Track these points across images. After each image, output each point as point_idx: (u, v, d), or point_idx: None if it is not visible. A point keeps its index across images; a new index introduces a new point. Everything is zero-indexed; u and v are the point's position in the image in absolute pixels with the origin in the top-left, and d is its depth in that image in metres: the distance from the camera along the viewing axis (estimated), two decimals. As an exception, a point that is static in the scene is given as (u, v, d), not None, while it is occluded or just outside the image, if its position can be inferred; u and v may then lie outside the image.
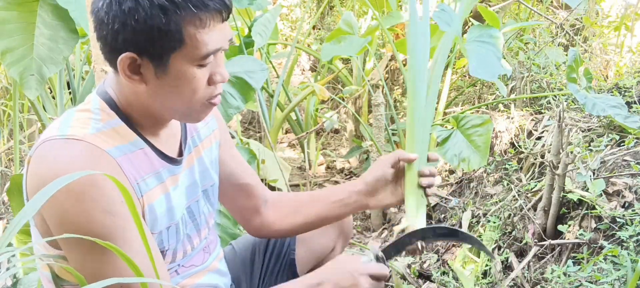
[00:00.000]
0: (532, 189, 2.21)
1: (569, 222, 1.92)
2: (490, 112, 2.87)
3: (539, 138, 2.52)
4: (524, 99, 2.89)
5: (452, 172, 2.95)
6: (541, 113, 2.74)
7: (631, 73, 3.04)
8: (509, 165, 2.43)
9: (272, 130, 3.30)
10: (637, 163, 1.94)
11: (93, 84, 2.57)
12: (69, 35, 2.10)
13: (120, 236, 0.95)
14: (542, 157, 2.34)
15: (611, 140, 2.17)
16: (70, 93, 2.79)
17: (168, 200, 1.09)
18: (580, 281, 1.65)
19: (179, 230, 1.12)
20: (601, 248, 1.74)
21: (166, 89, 1.00)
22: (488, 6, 3.16)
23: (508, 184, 2.36)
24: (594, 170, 1.99)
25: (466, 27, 3.35)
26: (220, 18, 0.99)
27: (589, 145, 2.14)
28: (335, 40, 2.94)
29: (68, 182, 0.69)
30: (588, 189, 1.89)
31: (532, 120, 2.69)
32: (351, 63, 3.83)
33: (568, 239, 1.88)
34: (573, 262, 1.78)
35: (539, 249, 1.99)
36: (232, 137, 1.67)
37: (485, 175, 2.57)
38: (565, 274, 1.72)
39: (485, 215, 2.33)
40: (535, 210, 2.07)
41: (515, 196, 2.24)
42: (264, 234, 1.42)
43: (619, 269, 1.57)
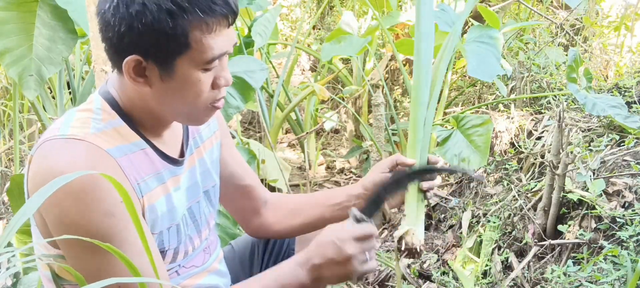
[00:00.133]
0: (532, 189, 2.21)
1: (569, 222, 1.92)
2: (490, 112, 2.86)
3: (539, 138, 2.51)
4: (524, 99, 2.89)
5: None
6: (541, 113, 2.74)
7: (631, 73, 3.04)
8: (509, 165, 2.43)
9: (272, 130, 3.30)
10: (637, 163, 1.94)
11: (93, 84, 2.57)
12: (68, 35, 2.10)
13: (120, 236, 0.95)
14: (542, 157, 2.34)
15: (611, 140, 2.17)
16: (70, 93, 2.79)
17: (169, 200, 1.09)
18: (580, 281, 1.65)
19: (180, 230, 1.12)
20: (601, 248, 1.74)
21: (170, 92, 1.00)
22: (488, 6, 3.16)
23: (508, 184, 2.36)
24: (594, 170, 1.99)
25: (466, 27, 3.35)
26: (226, 23, 0.98)
27: (589, 145, 2.14)
28: (335, 40, 2.95)
29: (68, 182, 0.69)
30: (588, 189, 1.89)
31: (532, 120, 2.69)
32: (351, 63, 3.83)
33: (568, 239, 1.88)
34: (573, 262, 1.78)
35: (539, 249, 1.99)
36: (232, 137, 1.67)
37: (485, 175, 2.57)
38: (565, 274, 1.72)
39: (485, 215, 2.33)
40: (535, 210, 2.07)
41: (515, 196, 2.24)
42: (263, 235, 1.42)
43: (619, 269, 1.57)
